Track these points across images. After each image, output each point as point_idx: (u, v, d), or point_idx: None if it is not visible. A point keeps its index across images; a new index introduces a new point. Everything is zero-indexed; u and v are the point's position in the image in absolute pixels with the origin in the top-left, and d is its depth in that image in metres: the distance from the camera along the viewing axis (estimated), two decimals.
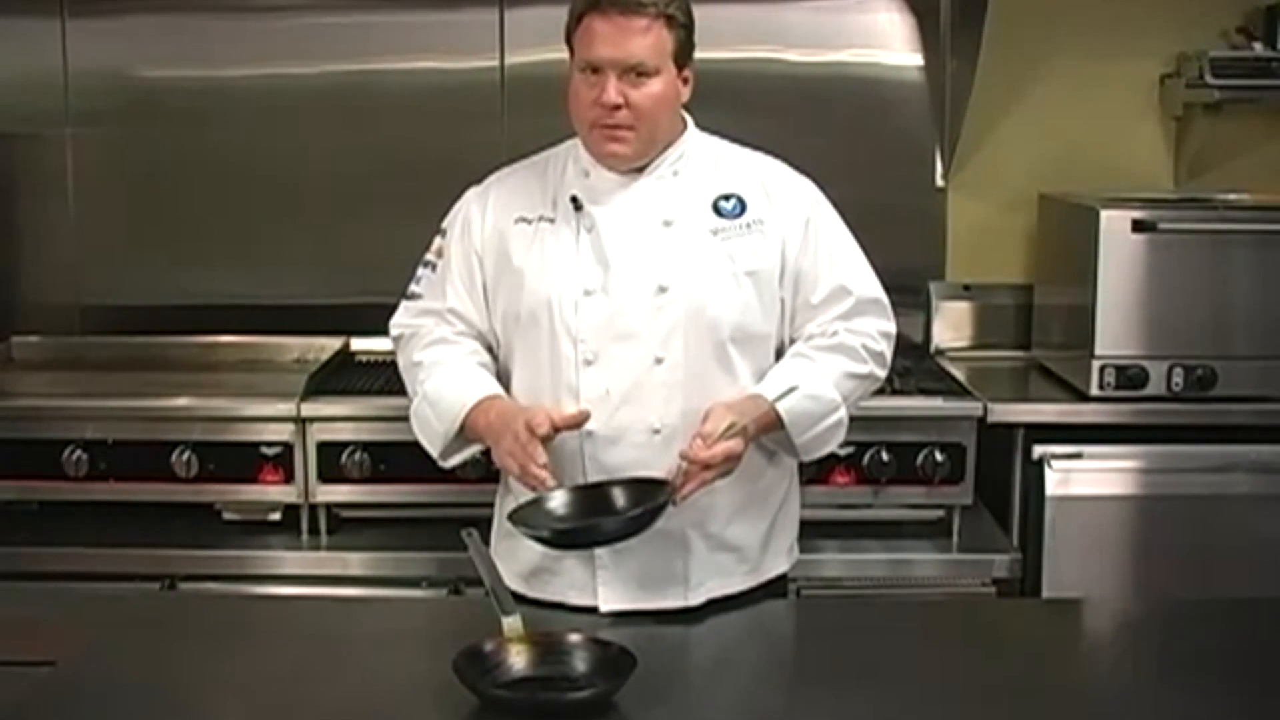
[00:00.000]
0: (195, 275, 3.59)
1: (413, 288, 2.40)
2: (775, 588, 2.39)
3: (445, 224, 2.40)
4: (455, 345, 2.34)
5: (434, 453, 2.33)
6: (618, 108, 2.18)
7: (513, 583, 2.21)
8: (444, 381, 2.29)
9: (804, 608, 2.61)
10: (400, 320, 2.41)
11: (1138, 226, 3.06)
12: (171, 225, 3.61)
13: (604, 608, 2.24)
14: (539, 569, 2.30)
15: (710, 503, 2.26)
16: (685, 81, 2.27)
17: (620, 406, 2.22)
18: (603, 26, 2.17)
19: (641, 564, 2.25)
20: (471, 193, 2.41)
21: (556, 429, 2.15)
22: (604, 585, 2.25)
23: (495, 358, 2.37)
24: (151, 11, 3.54)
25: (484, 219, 2.34)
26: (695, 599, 2.27)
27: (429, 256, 2.40)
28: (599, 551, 2.24)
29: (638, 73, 2.18)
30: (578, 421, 2.18)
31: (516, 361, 2.32)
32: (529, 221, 2.31)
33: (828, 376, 2.26)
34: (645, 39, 2.18)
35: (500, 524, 2.40)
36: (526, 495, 2.25)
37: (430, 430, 2.30)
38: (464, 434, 2.27)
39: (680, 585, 2.26)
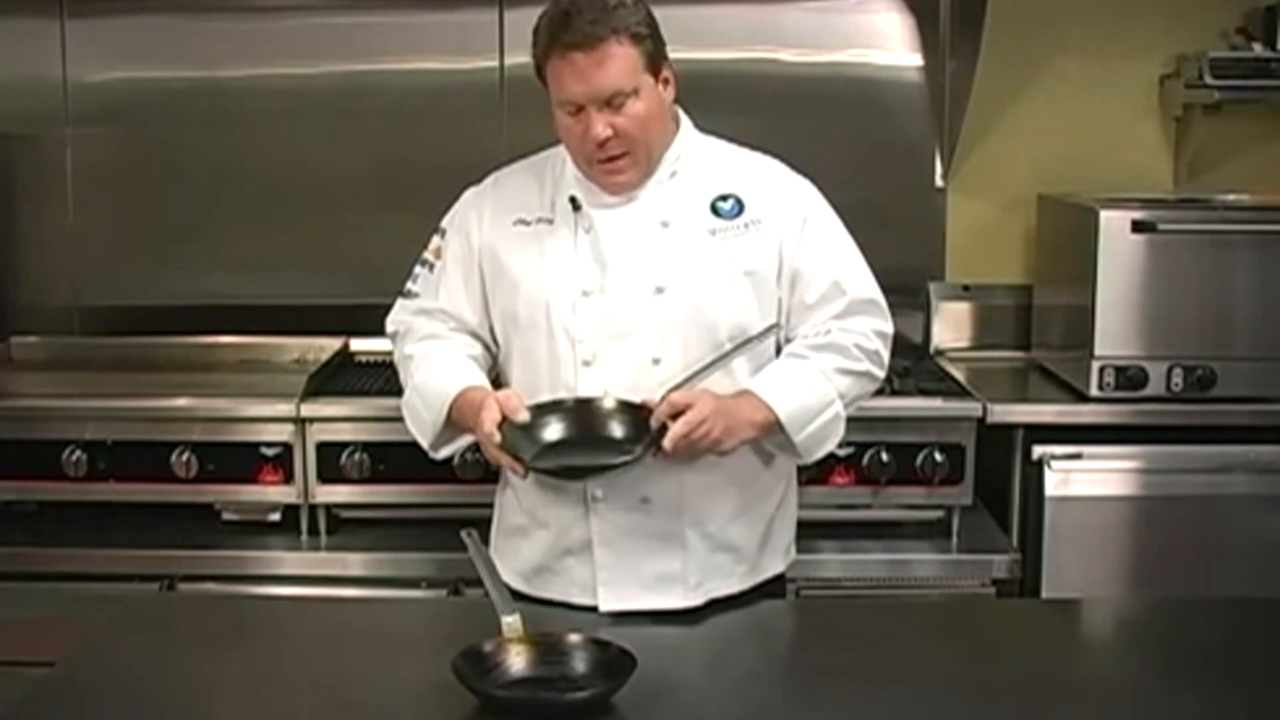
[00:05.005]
0: (195, 275, 3.59)
1: (410, 286, 2.40)
2: (773, 588, 2.38)
3: (444, 223, 2.40)
4: (446, 340, 2.35)
5: (425, 443, 2.32)
6: (608, 140, 2.18)
7: (513, 581, 2.22)
8: (432, 371, 2.30)
9: (803, 608, 2.61)
10: (396, 317, 2.42)
11: (1137, 227, 3.06)
12: (171, 226, 3.61)
13: (604, 607, 2.24)
14: (540, 568, 2.30)
15: (709, 504, 2.27)
16: (666, 84, 2.24)
17: None
18: (566, 67, 2.15)
19: (642, 564, 2.25)
20: (470, 193, 2.40)
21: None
22: (604, 585, 2.25)
23: (494, 355, 2.38)
24: (151, 12, 3.55)
25: (482, 221, 2.34)
26: (695, 599, 2.26)
27: (426, 256, 2.40)
28: (599, 552, 2.25)
29: (616, 100, 2.16)
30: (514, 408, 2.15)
31: (514, 362, 2.32)
32: (528, 223, 2.31)
33: (821, 372, 2.26)
34: (614, 66, 2.14)
35: (500, 523, 2.40)
36: (525, 495, 2.25)
37: (420, 420, 2.31)
38: (453, 424, 2.27)
39: (680, 585, 2.26)
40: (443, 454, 2.35)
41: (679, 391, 2.15)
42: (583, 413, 2.20)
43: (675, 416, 2.12)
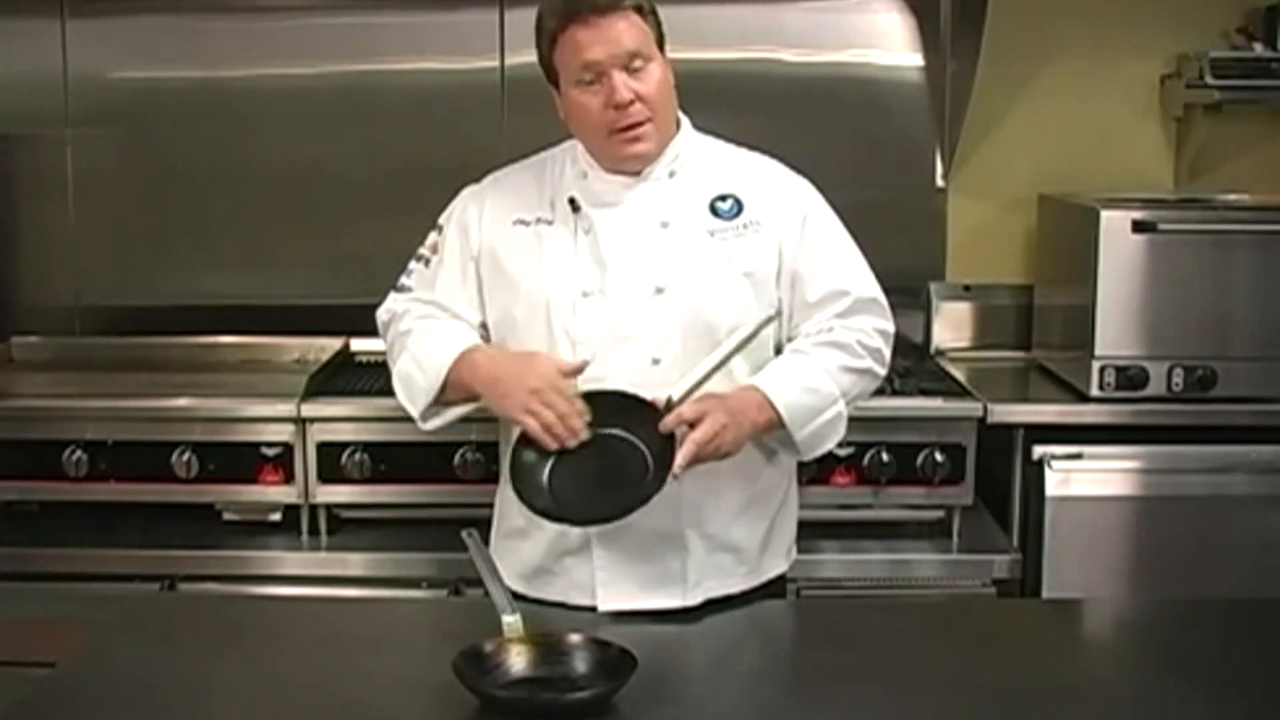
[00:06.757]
0: (195, 275, 3.59)
1: (403, 280, 2.40)
2: (774, 589, 2.38)
3: (441, 220, 2.40)
4: (442, 319, 2.33)
5: (415, 411, 2.30)
6: (631, 102, 2.18)
7: (513, 582, 2.21)
8: (430, 339, 2.28)
9: (804, 608, 2.61)
10: (387, 306, 2.41)
11: (1138, 227, 3.06)
12: (171, 226, 3.61)
13: (602, 607, 2.24)
14: (540, 569, 2.30)
15: (711, 504, 2.27)
16: (669, 68, 2.27)
17: None
18: (586, 32, 2.17)
19: (640, 564, 2.25)
20: (468, 191, 2.40)
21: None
22: (602, 585, 2.25)
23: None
24: (151, 11, 3.55)
25: (481, 220, 2.34)
26: (693, 599, 2.26)
27: (423, 251, 2.39)
28: (598, 552, 2.25)
29: (636, 63, 2.19)
30: (579, 369, 2.17)
31: None
32: (527, 224, 2.31)
33: (824, 369, 2.25)
34: (631, 30, 2.18)
35: (500, 523, 2.40)
36: None
37: (414, 387, 2.28)
38: (446, 394, 2.25)
39: (679, 585, 2.26)
40: (431, 425, 2.31)
41: (689, 405, 2.12)
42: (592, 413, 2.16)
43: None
